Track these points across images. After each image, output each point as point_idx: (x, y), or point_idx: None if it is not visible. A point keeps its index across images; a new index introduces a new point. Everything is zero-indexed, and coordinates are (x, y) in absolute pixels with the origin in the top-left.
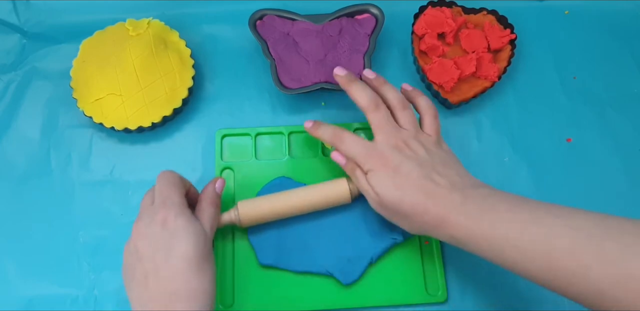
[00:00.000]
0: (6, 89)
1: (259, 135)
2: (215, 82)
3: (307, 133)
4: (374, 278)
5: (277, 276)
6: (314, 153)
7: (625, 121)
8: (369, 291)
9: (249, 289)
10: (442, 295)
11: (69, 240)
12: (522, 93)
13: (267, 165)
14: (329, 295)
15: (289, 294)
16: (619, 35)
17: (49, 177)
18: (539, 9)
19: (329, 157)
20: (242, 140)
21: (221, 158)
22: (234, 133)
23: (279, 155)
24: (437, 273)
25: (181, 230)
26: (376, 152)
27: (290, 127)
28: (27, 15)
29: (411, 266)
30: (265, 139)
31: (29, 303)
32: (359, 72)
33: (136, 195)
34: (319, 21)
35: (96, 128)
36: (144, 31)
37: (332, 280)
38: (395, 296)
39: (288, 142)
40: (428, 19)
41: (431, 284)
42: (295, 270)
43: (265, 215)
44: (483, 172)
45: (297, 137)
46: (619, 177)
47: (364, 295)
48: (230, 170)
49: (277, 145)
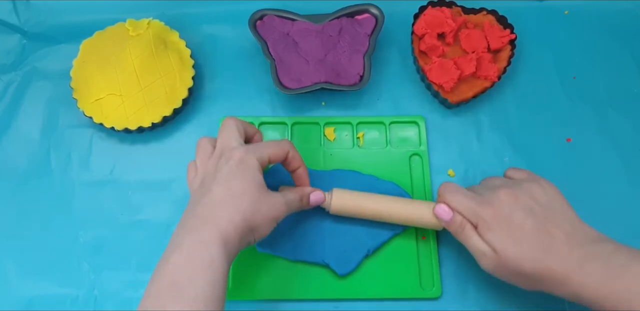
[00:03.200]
0: (6, 89)
1: (262, 125)
2: (215, 82)
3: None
4: (369, 270)
5: (274, 263)
6: (316, 144)
7: (625, 121)
8: (363, 283)
9: (246, 275)
10: (436, 290)
11: (69, 240)
12: (522, 93)
13: None
14: (324, 285)
15: (285, 282)
16: (619, 35)
17: (49, 177)
18: (539, 9)
19: (329, 148)
20: None
21: None
22: None
23: None
24: (432, 268)
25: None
26: (487, 204)
27: (293, 118)
28: (27, 15)
29: (407, 260)
30: (268, 129)
31: (29, 303)
32: (359, 72)
33: (136, 195)
34: (319, 21)
35: (96, 128)
36: (144, 31)
37: (328, 270)
38: (389, 290)
39: (291, 132)
40: (428, 19)
41: (426, 279)
42: (291, 258)
43: (356, 208)
44: (483, 172)
45: (300, 128)
46: (619, 177)
47: (358, 287)
48: None
49: (280, 135)
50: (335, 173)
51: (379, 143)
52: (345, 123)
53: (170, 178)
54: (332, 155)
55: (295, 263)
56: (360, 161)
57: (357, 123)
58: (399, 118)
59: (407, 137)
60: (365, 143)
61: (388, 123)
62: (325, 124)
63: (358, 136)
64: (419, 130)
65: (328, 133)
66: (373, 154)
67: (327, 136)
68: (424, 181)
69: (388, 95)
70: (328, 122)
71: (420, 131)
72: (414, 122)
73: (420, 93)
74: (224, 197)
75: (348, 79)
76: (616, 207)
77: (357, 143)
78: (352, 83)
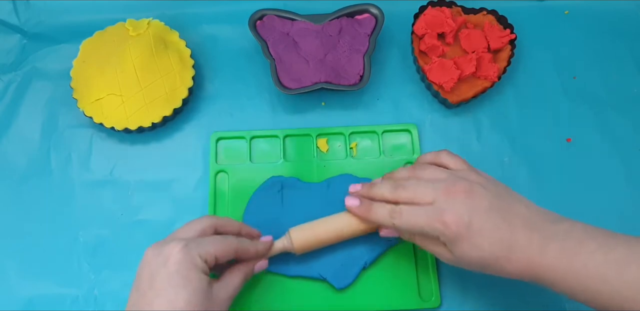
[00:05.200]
0: (6, 89)
1: (254, 138)
2: (215, 82)
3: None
4: (367, 282)
5: (271, 280)
6: (309, 156)
7: (625, 121)
8: (362, 296)
9: (243, 293)
10: (435, 300)
11: (69, 240)
12: (522, 93)
13: (262, 168)
14: (323, 300)
15: (283, 298)
16: (619, 35)
17: (49, 177)
18: (539, 9)
19: (322, 160)
20: (237, 143)
21: (216, 161)
22: (229, 137)
23: (274, 158)
24: (430, 278)
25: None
26: (443, 216)
27: (285, 131)
28: (27, 15)
29: (404, 271)
30: (261, 142)
31: (29, 303)
32: (359, 72)
33: (136, 195)
34: (318, 21)
35: (96, 128)
36: (144, 31)
37: (326, 284)
38: (388, 301)
39: (283, 145)
40: (428, 19)
41: (424, 289)
42: (288, 275)
43: (318, 240)
44: (483, 171)
45: (292, 140)
46: (619, 177)
47: (357, 300)
48: (224, 173)
49: (272, 148)
50: (331, 181)
51: (372, 153)
52: (338, 134)
53: (170, 178)
54: (326, 167)
55: (293, 278)
56: (355, 171)
57: (350, 134)
58: (391, 127)
59: (400, 146)
60: (359, 153)
61: (381, 132)
62: (317, 135)
63: (351, 146)
64: (411, 138)
65: (321, 144)
66: (367, 164)
67: (319, 148)
68: None
69: (388, 95)
70: (320, 133)
71: (413, 139)
72: (406, 130)
73: (420, 93)
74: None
75: (348, 79)
76: (616, 207)
77: (351, 154)
78: (352, 83)
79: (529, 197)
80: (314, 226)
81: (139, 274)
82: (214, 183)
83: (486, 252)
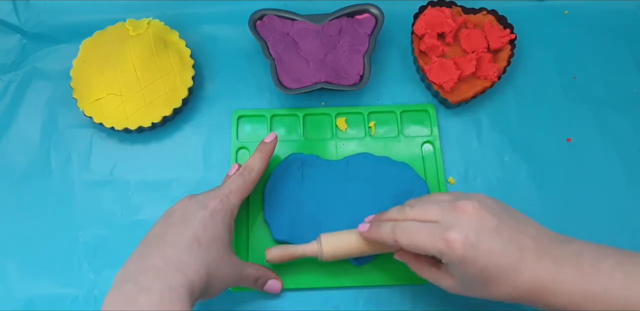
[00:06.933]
0: (6, 89)
1: (274, 117)
2: (215, 82)
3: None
4: (385, 258)
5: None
6: (329, 134)
7: (625, 121)
8: (380, 271)
9: (263, 264)
10: None
11: (69, 240)
12: (522, 93)
13: (281, 146)
14: (341, 273)
15: (301, 271)
16: (619, 35)
17: (49, 177)
18: (539, 9)
19: (341, 139)
20: (258, 121)
21: (237, 138)
22: (250, 114)
23: (294, 136)
24: None
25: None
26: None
27: (304, 110)
28: (27, 15)
29: None
30: (281, 121)
31: (29, 303)
32: (359, 72)
33: (136, 195)
34: (318, 21)
35: (96, 128)
36: (144, 31)
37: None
38: (405, 276)
39: (303, 124)
40: (428, 19)
41: None
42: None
43: (346, 251)
44: (483, 172)
45: (312, 119)
46: (619, 177)
47: (377, 274)
48: (245, 149)
49: (293, 126)
50: (350, 159)
51: (391, 132)
52: (357, 114)
53: (170, 178)
54: (345, 145)
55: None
56: (373, 150)
57: (369, 113)
58: (409, 107)
59: (418, 125)
60: (377, 133)
61: (399, 112)
62: (336, 115)
63: (370, 125)
64: (430, 118)
65: (340, 123)
66: (385, 143)
67: (338, 126)
68: (436, 167)
69: (388, 95)
70: (339, 113)
71: (432, 119)
72: (424, 110)
73: (420, 93)
74: (190, 242)
75: (348, 79)
76: (616, 207)
77: (369, 133)
78: (352, 83)
79: (529, 196)
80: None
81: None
82: (235, 160)
83: (492, 276)
